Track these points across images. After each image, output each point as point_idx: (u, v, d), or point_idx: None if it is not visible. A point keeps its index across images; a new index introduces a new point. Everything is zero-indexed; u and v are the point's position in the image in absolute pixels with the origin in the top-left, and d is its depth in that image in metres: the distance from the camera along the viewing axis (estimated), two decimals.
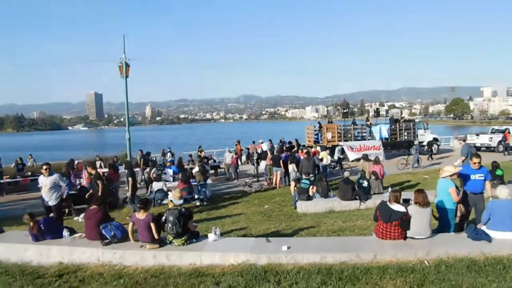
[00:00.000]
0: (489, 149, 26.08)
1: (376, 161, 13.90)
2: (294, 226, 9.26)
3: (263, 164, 17.82)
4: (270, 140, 23.01)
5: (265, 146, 20.43)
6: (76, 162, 16.18)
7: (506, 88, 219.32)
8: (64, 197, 10.00)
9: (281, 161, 15.93)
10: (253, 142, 23.88)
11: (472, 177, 7.43)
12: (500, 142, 25.91)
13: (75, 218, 11.26)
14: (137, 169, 19.47)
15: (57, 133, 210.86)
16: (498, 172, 13.05)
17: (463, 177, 7.47)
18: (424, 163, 21.14)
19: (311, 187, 11.88)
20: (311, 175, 13.15)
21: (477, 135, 28.63)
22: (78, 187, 13.38)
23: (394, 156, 24.37)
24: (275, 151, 17.60)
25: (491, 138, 26.45)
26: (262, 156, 18.58)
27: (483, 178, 7.45)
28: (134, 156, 20.79)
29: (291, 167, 15.16)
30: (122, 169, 18.12)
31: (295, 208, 11.60)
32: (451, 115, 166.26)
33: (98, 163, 17.95)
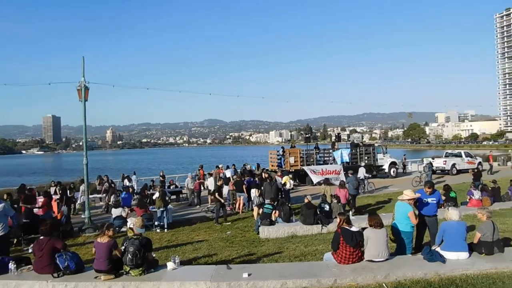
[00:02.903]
0: (444, 171, 27.38)
1: (342, 185, 14.13)
2: (257, 252, 9.18)
3: (226, 189, 17.69)
4: (233, 165, 22.99)
5: (228, 172, 20.36)
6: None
7: (458, 114, 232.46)
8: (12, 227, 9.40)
9: (244, 186, 15.90)
10: (216, 167, 23.72)
11: (425, 200, 7.75)
12: (453, 165, 27.38)
13: (26, 249, 10.60)
14: (96, 195, 19.06)
15: (9, 157, 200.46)
16: (452, 195, 13.66)
17: (417, 201, 7.73)
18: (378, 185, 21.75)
19: (273, 212, 11.87)
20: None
21: (433, 158, 30.14)
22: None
23: None
24: (236, 176, 17.58)
25: (445, 161, 27.84)
26: (225, 181, 18.49)
27: (435, 201, 7.78)
28: (93, 182, 20.17)
29: (254, 192, 15.14)
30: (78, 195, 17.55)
31: (258, 233, 11.51)
32: (409, 139, 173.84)
33: (53, 189, 17.20)
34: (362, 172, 20.51)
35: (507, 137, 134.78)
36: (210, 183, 18.05)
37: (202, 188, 19.53)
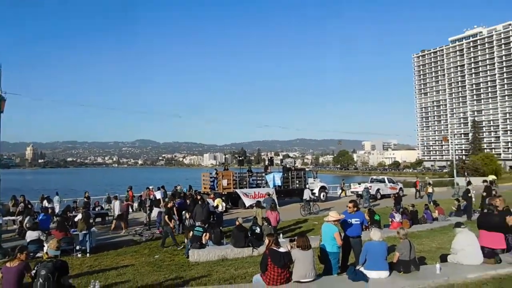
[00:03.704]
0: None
1: (272, 208, 14.24)
2: (185, 276, 8.90)
3: (155, 211, 17.07)
4: (163, 186, 22.37)
5: (158, 194, 19.72)
6: None
7: (382, 143, 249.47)
8: None
9: (175, 209, 15.45)
10: (147, 188, 22.89)
11: (349, 221, 8.09)
12: (378, 190, 29.22)
13: None
14: (9, 218, 17.33)
15: None
16: (376, 218, 14.46)
17: (342, 222, 8.04)
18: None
19: (204, 234, 11.64)
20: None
21: (359, 183, 31.99)
22: None
23: (287, 203, 25.40)
24: (167, 198, 17.07)
25: (371, 186, 29.55)
26: (155, 203, 17.87)
27: (359, 222, 8.15)
28: (6, 203, 18.39)
29: (185, 214, 14.78)
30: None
31: (187, 257, 11.18)
32: (338, 165, 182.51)
33: None
34: (307, 194, 21.33)
35: (424, 165, 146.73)
36: (116, 207, 16.44)
37: (130, 210, 18.67)
